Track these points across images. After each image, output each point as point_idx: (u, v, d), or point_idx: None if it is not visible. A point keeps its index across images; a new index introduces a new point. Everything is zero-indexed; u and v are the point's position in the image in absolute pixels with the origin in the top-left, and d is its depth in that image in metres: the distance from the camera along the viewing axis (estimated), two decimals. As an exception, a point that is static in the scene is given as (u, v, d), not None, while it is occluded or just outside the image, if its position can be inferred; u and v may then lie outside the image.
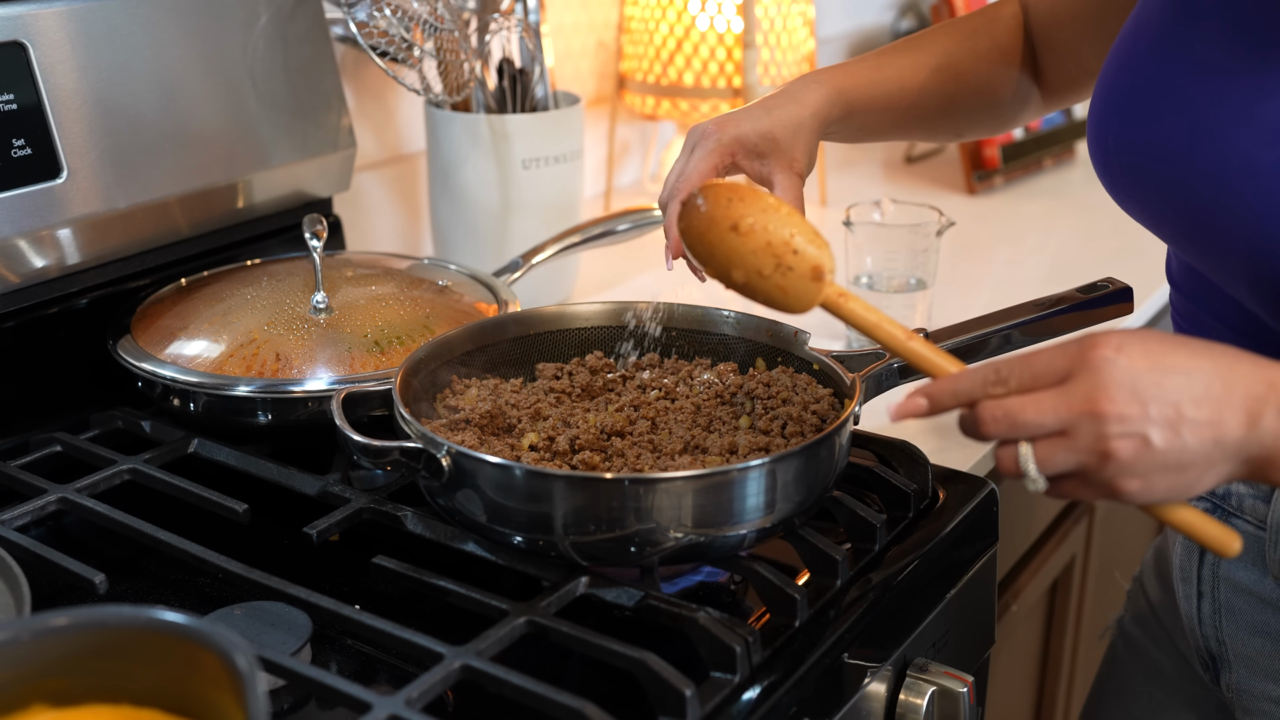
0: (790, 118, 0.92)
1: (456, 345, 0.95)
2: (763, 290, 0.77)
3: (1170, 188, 0.85)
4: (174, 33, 1.08)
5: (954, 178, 1.87)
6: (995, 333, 0.95)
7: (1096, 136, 0.91)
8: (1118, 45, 0.92)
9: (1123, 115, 0.88)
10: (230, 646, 0.53)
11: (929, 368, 0.75)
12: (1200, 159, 0.82)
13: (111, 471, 0.94)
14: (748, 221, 0.76)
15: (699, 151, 0.90)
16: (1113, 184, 0.92)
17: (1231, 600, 0.94)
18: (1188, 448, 0.66)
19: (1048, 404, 0.67)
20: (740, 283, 0.78)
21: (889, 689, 0.87)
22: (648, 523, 0.76)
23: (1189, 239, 0.86)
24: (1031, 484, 0.68)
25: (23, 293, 1.02)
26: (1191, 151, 0.83)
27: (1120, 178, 0.90)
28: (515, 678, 0.71)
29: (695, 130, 0.92)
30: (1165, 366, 0.66)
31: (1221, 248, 0.83)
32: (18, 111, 0.98)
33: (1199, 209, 0.83)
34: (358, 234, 1.42)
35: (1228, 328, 0.89)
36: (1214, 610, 0.95)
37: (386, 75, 1.25)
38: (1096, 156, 0.92)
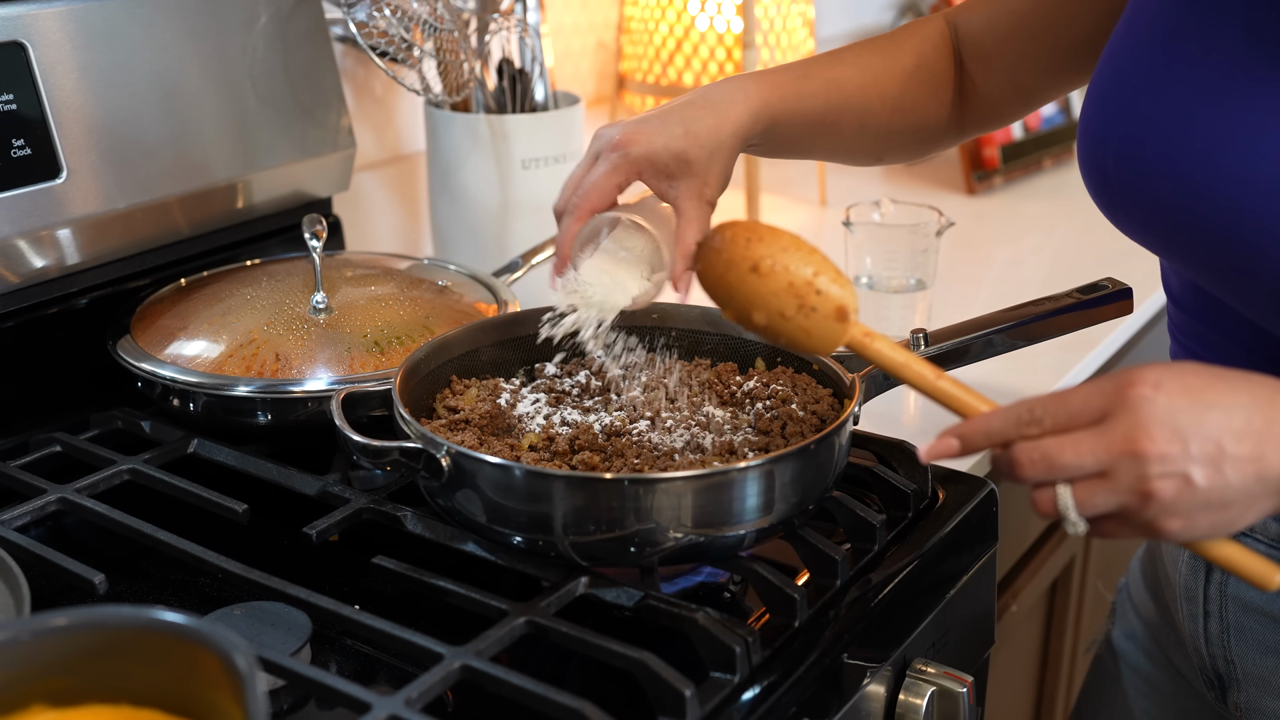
0: (709, 136, 0.85)
1: (456, 345, 0.95)
2: (785, 332, 0.76)
3: (1181, 210, 0.81)
4: (174, 33, 1.08)
5: (953, 178, 1.87)
6: (995, 333, 0.96)
7: (1092, 156, 0.87)
8: (1108, 60, 0.87)
9: (1123, 134, 0.84)
10: (230, 647, 0.53)
11: (960, 407, 0.74)
12: (1217, 180, 0.78)
13: (111, 472, 0.94)
14: (768, 263, 0.75)
15: (603, 165, 0.84)
16: (1110, 205, 0.88)
17: (1241, 620, 0.92)
18: (1230, 485, 0.65)
19: (1086, 445, 0.66)
20: (762, 325, 0.77)
21: (888, 689, 0.87)
22: (647, 523, 0.76)
23: (1201, 262, 0.83)
24: (1071, 527, 0.67)
25: (22, 293, 1.02)
26: (1206, 172, 0.79)
27: (1120, 199, 0.86)
28: (515, 678, 0.71)
29: (601, 137, 0.85)
30: (1205, 402, 0.65)
31: (1242, 270, 0.79)
32: (17, 112, 0.98)
33: (1217, 231, 0.79)
34: (357, 234, 1.42)
35: (1237, 344, 0.87)
36: (1222, 630, 0.93)
37: (386, 75, 1.25)
38: (1092, 177, 0.88)
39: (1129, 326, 1.37)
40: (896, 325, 1.24)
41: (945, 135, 1.03)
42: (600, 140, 0.85)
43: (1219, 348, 0.89)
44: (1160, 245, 0.86)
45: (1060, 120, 1.95)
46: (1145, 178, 0.83)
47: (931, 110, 1.00)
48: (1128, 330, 1.37)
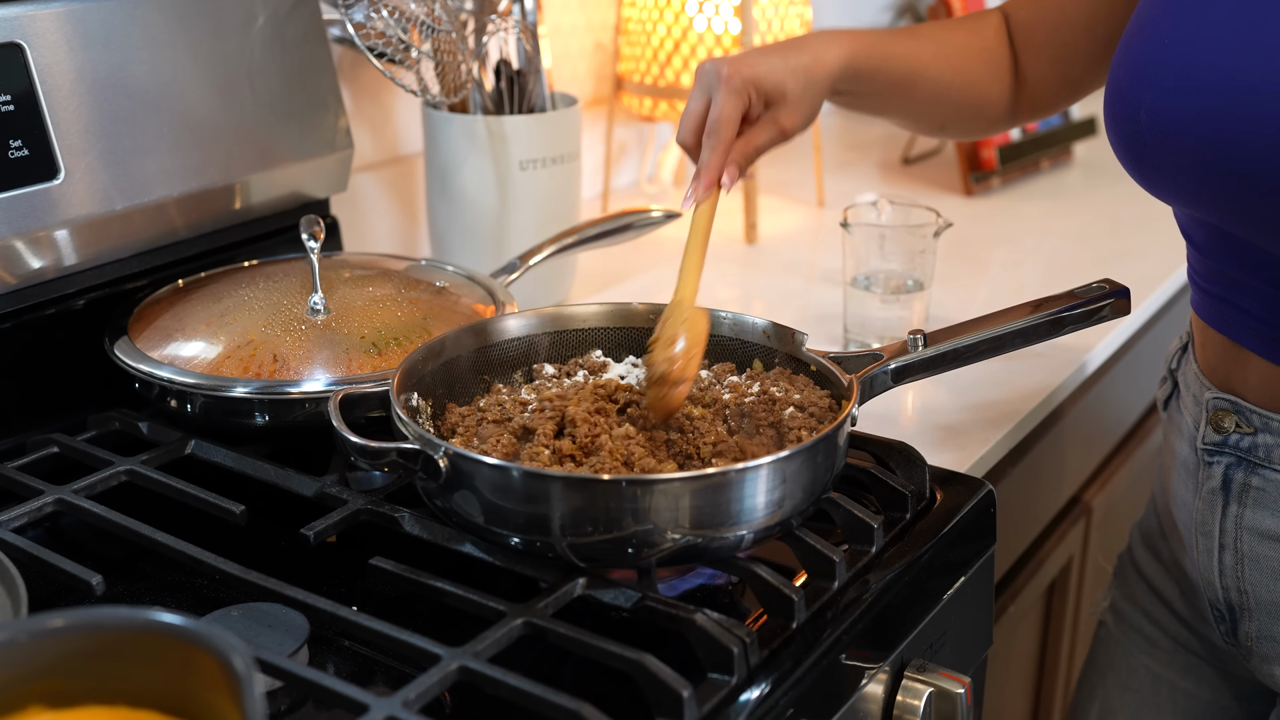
0: (805, 73, 0.94)
1: (454, 347, 0.95)
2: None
3: (1218, 157, 0.84)
4: (171, 34, 1.08)
5: (951, 179, 1.87)
6: (993, 334, 0.96)
7: (1125, 114, 0.91)
8: (1139, 21, 0.92)
9: (1157, 86, 0.88)
10: (227, 648, 0.53)
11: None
12: (1256, 125, 0.81)
13: (109, 473, 0.94)
14: None
15: (723, 95, 0.92)
16: (1141, 161, 0.91)
17: (1255, 549, 0.95)
18: None
19: None
20: None
21: (886, 690, 0.87)
22: (645, 524, 0.76)
23: (1236, 205, 0.85)
24: None
25: (20, 294, 1.02)
26: (1245, 119, 0.82)
27: (1153, 152, 0.89)
28: (512, 679, 0.71)
29: (709, 69, 0.93)
30: None
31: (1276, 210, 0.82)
32: (15, 112, 0.98)
33: (1256, 171, 0.82)
34: (355, 235, 1.42)
35: (1267, 283, 0.90)
36: (1236, 561, 0.97)
37: (384, 76, 1.25)
38: (1122, 135, 0.92)
39: (1127, 327, 1.37)
40: (894, 326, 1.25)
41: (1002, 118, 1.11)
42: (708, 73, 0.93)
43: (1246, 287, 0.92)
44: (1192, 196, 0.89)
45: (1057, 122, 1.95)
46: (1181, 126, 0.86)
47: (994, 91, 1.08)
48: (1125, 331, 1.37)
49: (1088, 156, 2.01)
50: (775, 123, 0.95)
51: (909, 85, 1.03)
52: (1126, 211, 1.72)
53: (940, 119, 1.11)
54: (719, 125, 0.92)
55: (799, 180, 1.86)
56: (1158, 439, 1.65)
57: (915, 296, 1.25)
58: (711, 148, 0.93)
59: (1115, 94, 0.92)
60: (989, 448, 1.10)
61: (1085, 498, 1.49)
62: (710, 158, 0.93)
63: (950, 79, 1.06)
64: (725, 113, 0.92)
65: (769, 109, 0.94)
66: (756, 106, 0.94)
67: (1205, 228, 0.94)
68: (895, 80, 1.02)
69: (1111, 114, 0.93)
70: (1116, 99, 0.92)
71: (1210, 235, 0.94)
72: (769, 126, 0.95)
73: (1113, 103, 0.93)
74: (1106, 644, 1.16)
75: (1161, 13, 0.89)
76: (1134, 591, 1.13)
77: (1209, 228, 0.93)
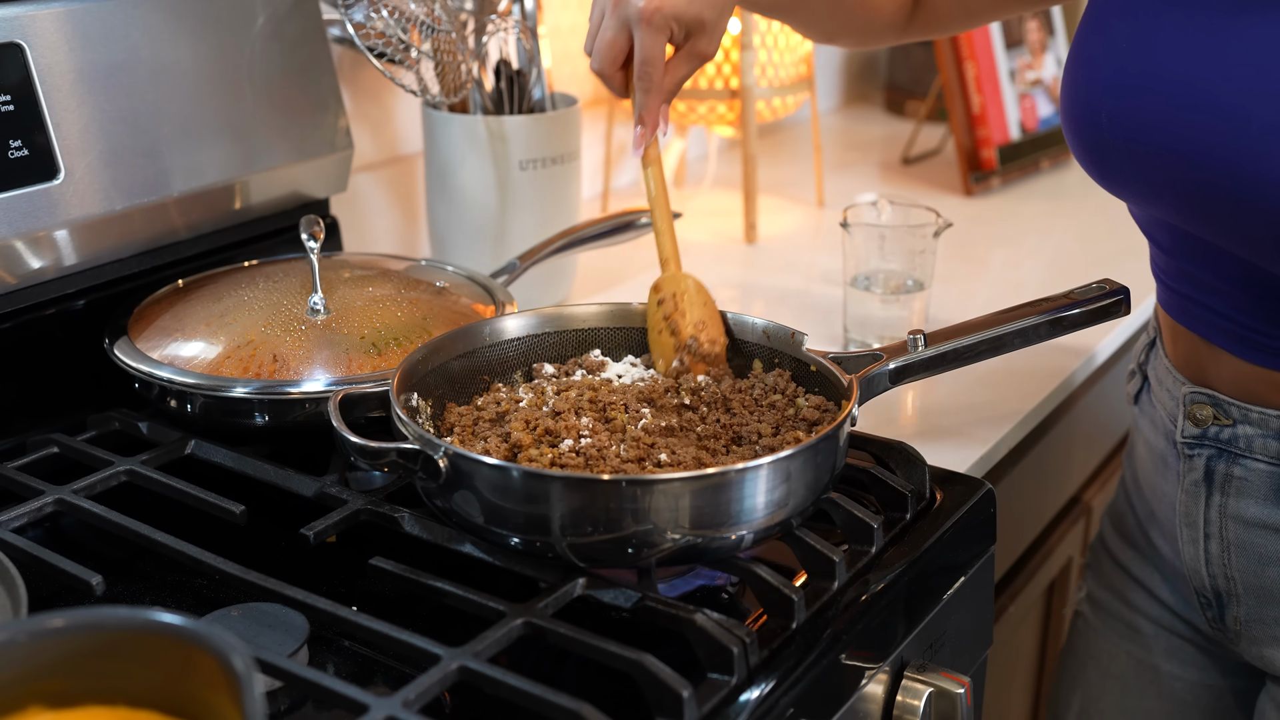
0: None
1: (453, 347, 0.95)
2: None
3: (1176, 161, 0.86)
4: (171, 34, 1.08)
5: (951, 179, 1.88)
6: (992, 334, 0.96)
7: (1085, 119, 0.93)
8: (1094, 26, 0.93)
9: (1118, 91, 0.89)
10: (227, 648, 0.53)
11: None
12: (1215, 132, 0.83)
13: (109, 473, 0.94)
14: None
15: (647, 33, 0.92)
16: (1102, 165, 0.93)
17: (1241, 536, 0.97)
18: None
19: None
20: None
21: (886, 690, 0.87)
22: (645, 524, 0.76)
23: (1198, 207, 0.87)
24: None
25: (20, 294, 1.02)
26: (1204, 125, 0.84)
27: (1114, 156, 0.91)
28: (512, 679, 0.71)
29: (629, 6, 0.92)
30: None
31: (1243, 210, 0.83)
32: (15, 112, 0.98)
33: (1212, 180, 0.84)
34: (355, 235, 1.42)
35: (1230, 283, 0.91)
36: (1222, 549, 0.98)
37: (383, 76, 1.25)
38: (1083, 141, 0.94)
39: (1127, 327, 1.37)
40: (894, 326, 1.25)
41: (892, 33, 1.14)
42: (625, 8, 0.93)
43: (1211, 287, 0.93)
44: (1154, 197, 0.91)
45: (1058, 122, 1.95)
46: (1144, 131, 0.88)
47: (889, 8, 1.11)
48: (1125, 331, 1.37)
49: (1087, 156, 2.01)
50: (695, 52, 0.95)
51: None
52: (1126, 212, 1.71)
53: (832, 29, 1.14)
54: (650, 67, 0.93)
55: (799, 180, 1.86)
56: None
57: (915, 296, 1.25)
58: (646, 90, 0.94)
59: (1075, 95, 0.93)
60: (989, 448, 1.10)
61: (1085, 498, 1.49)
62: (648, 100, 0.94)
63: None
64: (654, 52, 0.93)
65: (688, 39, 0.95)
66: (678, 37, 0.95)
67: (1168, 229, 0.95)
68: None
69: (1070, 116, 0.94)
70: (1076, 100, 0.93)
71: (1174, 236, 0.95)
72: (689, 58, 0.95)
73: (1071, 104, 0.94)
74: (1085, 634, 1.17)
75: (1119, 18, 0.91)
76: (1110, 579, 1.15)
77: (1172, 229, 0.94)
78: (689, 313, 0.93)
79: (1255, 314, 0.91)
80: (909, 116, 2.25)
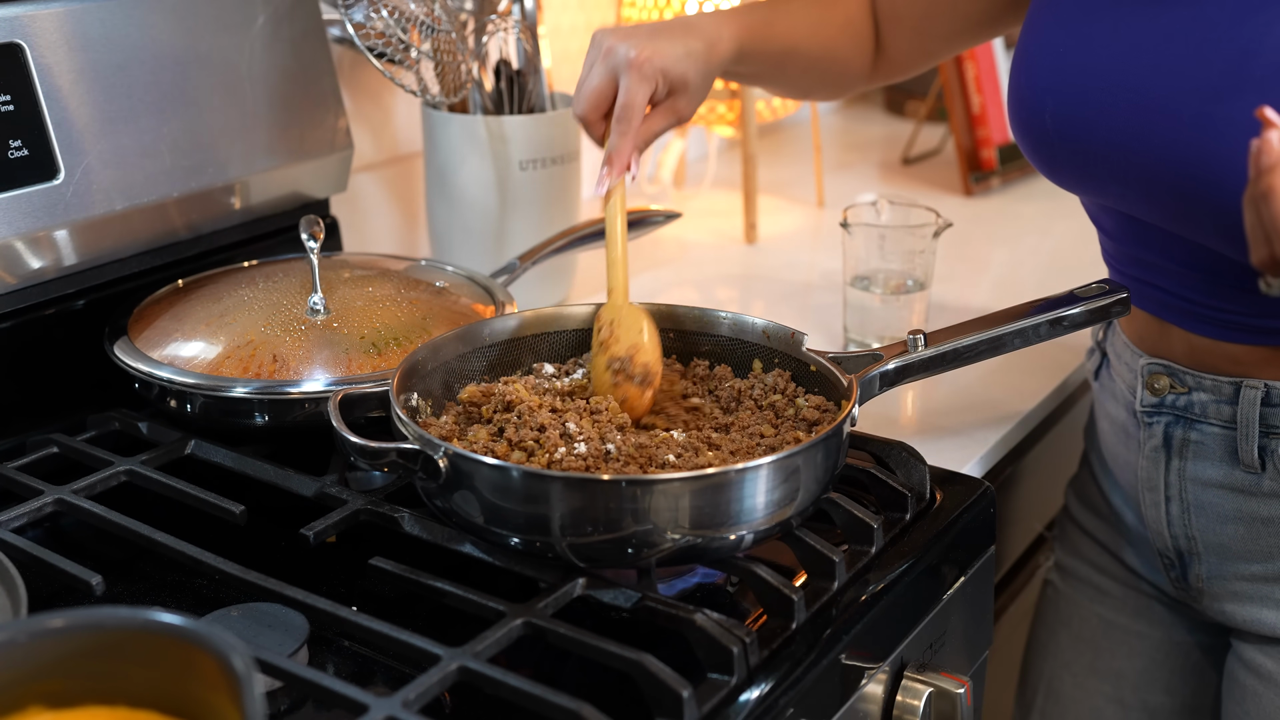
0: (705, 61, 0.98)
1: (453, 347, 0.95)
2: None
3: (1117, 155, 0.93)
4: (171, 34, 1.08)
5: (951, 179, 1.87)
6: (992, 334, 0.96)
7: (1029, 120, 0.99)
8: (1033, 31, 0.99)
9: (1059, 93, 0.96)
10: (227, 648, 0.53)
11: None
12: (1150, 126, 0.90)
13: (108, 473, 0.94)
14: None
15: (634, 81, 0.94)
16: (1050, 161, 1.00)
17: (1200, 497, 1.01)
18: None
19: None
20: None
21: (886, 690, 0.87)
22: (645, 524, 0.76)
23: (1140, 196, 0.93)
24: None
25: (20, 294, 1.02)
26: (1140, 121, 0.90)
27: (1061, 153, 0.98)
28: (512, 679, 0.71)
29: (616, 49, 0.95)
30: None
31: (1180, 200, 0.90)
32: (14, 113, 0.98)
33: (1153, 169, 0.90)
34: (355, 235, 1.42)
35: (1177, 263, 0.96)
36: (1183, 510, 1.02)
37: (383, 76, 1.25)
38: (1029, 139, 1.00)
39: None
40: (894, 326, 1.25)
41: (859, 82, 1.18)
42: (615, 55, 0.95)
43: (1159, 269, 0.99)
44: (1100, 189, 0.98)
45: (1057, 121, 1.95)
46: (1085, 129, 0.95)
47: (855, 61, 1.15)
48: (1125, 331, 1.37)
49: (1087, 156, 2.01)
50: (674, 110, 0.98)
51: (784, 63, 1.09)
52: (1126, 211, 1.71)
53: (806, 87, 1.19)
54: (631, 112, 0.95)
55: (799, 180, 1.86)
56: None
57: (915, 297, 1.25)
58: (622, 133, 0.95)
59: (1019, 100, 1.00)
60: (989, 448, 1.10)
61: (1085, 498, 1.48)
62: (621, 143, 0.96)
63: (819, 54, 1.11)
64: (637, 100, 0.95)
65: (670, 96, 0.98)
66: (660, 92, 0.97)
67: (1114, 215, 1.00)
68: (773, 59, 1.08)
69: (1016, 118, 1.00)
70: (1020, 105, 1.00)
71: (1119, 222, 1.00)
72: (668, 113, 0.98)
73: (1016, 108, 1.00)
74: (1055, 601, 1.20)
75: (1055, 26, 0.97)
76: (1078, 546, 1.18)
77: (1118, 215, 1.00)
78: (623, 338, 0.94)
79: (1202, 290, 0.96)
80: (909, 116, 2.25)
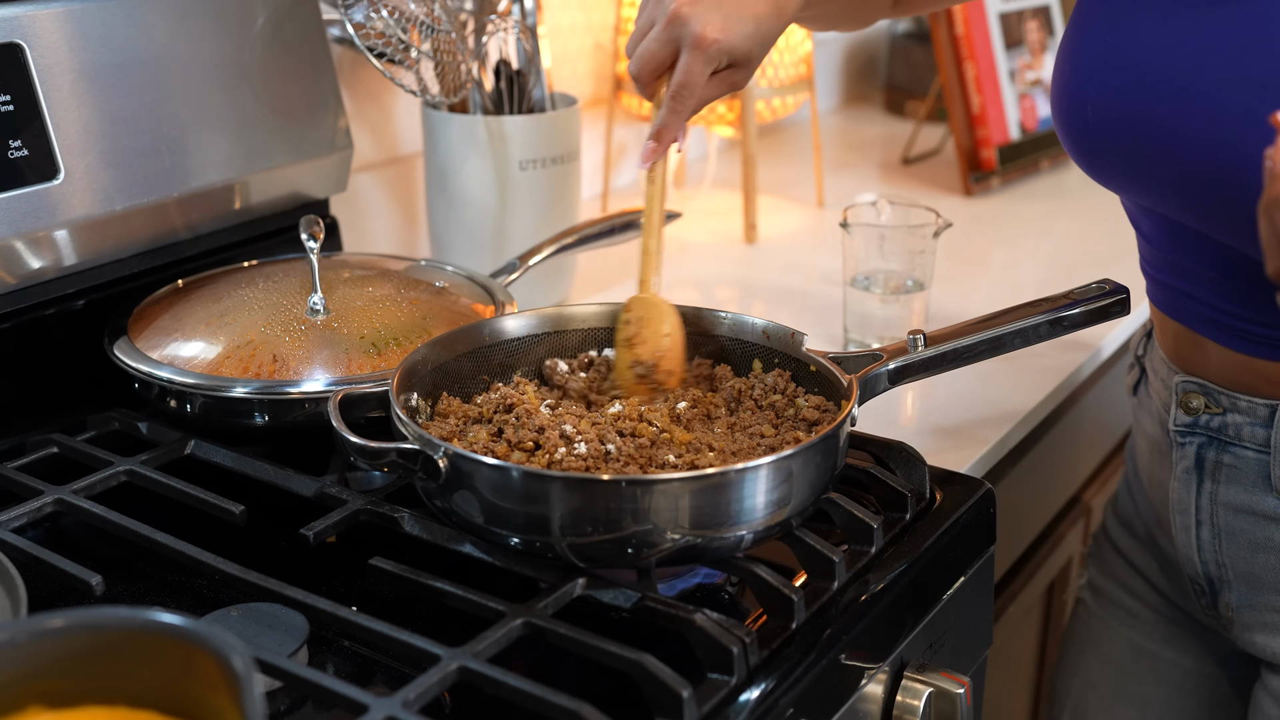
0: (772, 31, 0.94)
1: (453, 347, 0.95)
2: None
3: (1159, 150, 0.89)
4: (171, 34, 1.08)
5: (951, 179, 1.87)
6: (992, 335, 0.96)
7: (1071, 111, 0.96)
8: (1079, 22, 0.96)
9: (1100, 85, 0.93)
10: (227, 648, 0.53)
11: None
12: (1192, 119, 0.86)
13: (108, 473, 0.94)
14: None
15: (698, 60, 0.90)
16: (1089, 155, 0.96)
17: (1231, 523, 0.98)
18: None
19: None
20: None
21: (886, 690, 0.87)
22: (645, 524, 0.76)
23: (1181, 195, 0.90)
24: None
25: (19, 294, 1.02)
26: (1183, 114, 0.87)
27: (1100, 147, 0.94)
28: (512, 679, 0.71)
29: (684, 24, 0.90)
30: None
31: (1220, 201, 0.86)
32: (14, 113, 0.98)
33: (1193, 168, 0.87)
34: (354, 235, 1.42)
35: (1217, 270, 0.93)
36: (1214, 535, 0.99)
37: (383, 76, 1.25)
38: (1070, 132, 0.97)
39: (1127, 327, 1.37)
40: (894, 326, 1.25)
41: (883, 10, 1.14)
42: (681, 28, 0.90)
43: (1197, 276, 0.96)
44: (1139, 186, 0.94)
45: (1057, 121, 1.95)
46: (1126, 122, 0.91)
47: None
48: (1125, 331, 1.37)
49: (1087, 156, 2.01)
50: (731, 82, 0.95)
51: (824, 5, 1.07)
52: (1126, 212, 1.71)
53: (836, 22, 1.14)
54: (689, 91, 0.91)
55: (799, 180, 1.86)
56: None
57: (915, 296, 1.25)
58: (676, 111, 0.92)
59: (1061, 90, 0.97)
60: (989, 448, 1.10)
61: (1085, 498, 1.49)
62: (674, 120, 0.93)
63: None
64: (697, 80, 0.91)
65: (729, 68, 0.94)
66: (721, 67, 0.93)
67: (1154, 217, 0.97)
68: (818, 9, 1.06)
69: (1059, 109, 0.97)
70: (1063, 95, 0.96)
71: (1159, 225, 0.97)
72: (724, 84, 0.94)
73: (1059, 99, 0.97)
74: (1086, 620, 1.19)
75: (1101, 15, 0.94)
76: (1112, 567, 1.16)
77: (1157, 217, 0.97)
78: (649, 340, 0.94)
79: (1240, 302, 0.93)
80: (909, 116, 2.25)
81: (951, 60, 1.82)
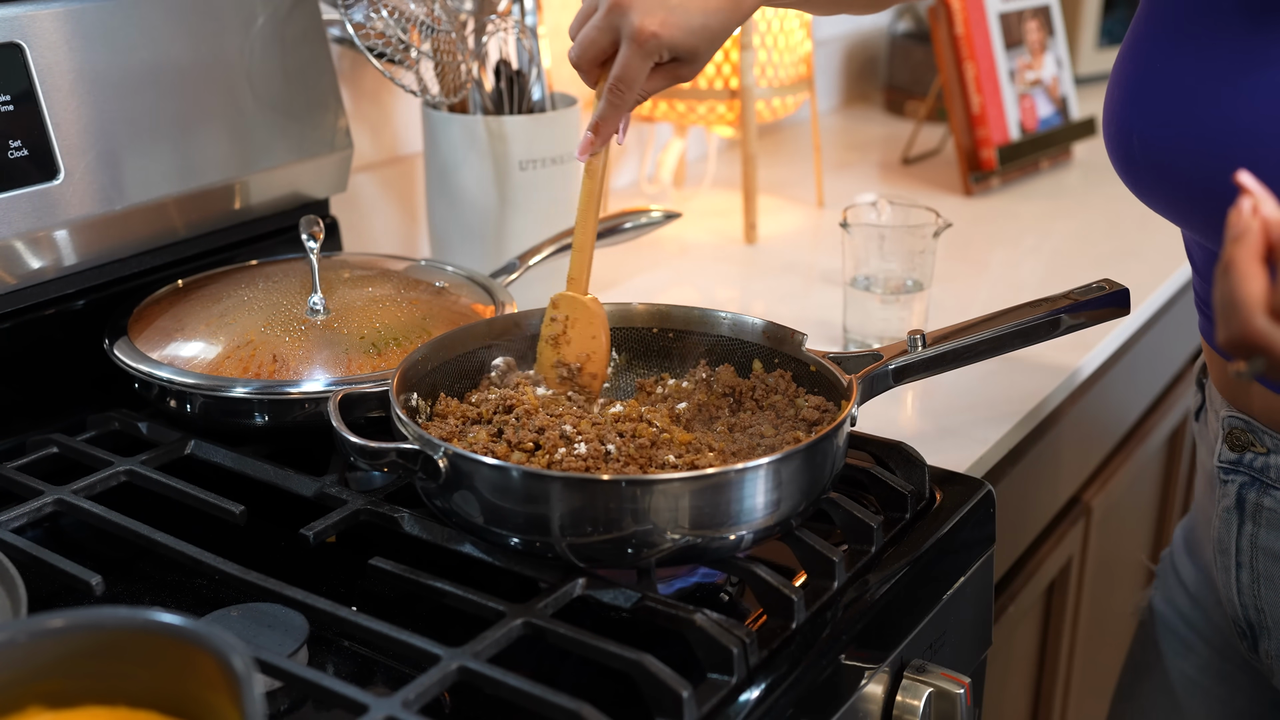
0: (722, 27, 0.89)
1: (453, 347, 0.95)
2: None
3: (1201, 186, 0.86)
4: (171, 34, 1.08)
5: (950, 179, 1.87)
6: (992, 335, 0.96)
7: (1118, 136, 0.92)
8: (1130, 49, 0.93)
9: (1146, 114, 0.89)
10: (227, 648, 0.53)
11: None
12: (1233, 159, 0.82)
13: (108, 473, 0.94)
14: None
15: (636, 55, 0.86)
16: (1136, 182, 0.93)
17: (1270, 570, 0.95)
18: None
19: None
20: None
21: (886, 690, 0.87)
22: (645, 524, 0.76)
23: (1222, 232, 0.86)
24: None
25: (19, 294, 1.02)
26: (1224, 152, 0.83)
27: (1145, 176, 0.91)
28: (512, 679, 0.71)
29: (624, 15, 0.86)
30: None
31: None
32: (14, 113, 0.98)
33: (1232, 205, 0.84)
34: (354, 235, 1.42)
35: None
36: (1253, 580, 0.97)
37: (383, 76, 1.25)
38: (1118, 155, 0.93)
39: (1127, 327, 1.37)
40: (894, 326, 1.25)
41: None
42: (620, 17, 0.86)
43: None
44: (1184, 218, 0.91)
45: (1057, 122, 1.95)
46: (1168, 159, 0.88)
47: None
48: (1125, 331, 1.37)
49: (1087, 157, 2.01)
50: (675, 75, 0.90)
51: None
52: (1126, 211, 1.72)
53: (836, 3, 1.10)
54: (626, 85, 0.88)
55: (799, 180, 1.86)
56: (1158, 439, 1.66)
57: (915, 296, 1.25)
58: (614, 105, 0.89)
59: (1110, 117, 0.94)
60: (989, 448, 1.10)
61: (1085, 498, 1.49)
62: (613, 114, 0.89)
63: None
64: (635, 74, 0.87)
65: (673, 62, 0.89)
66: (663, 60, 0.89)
67: (1203, 251, 0.95)
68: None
69: (1107, 134, 0.95)
70: (1110, 121, 0.94)
71: (1207, 258, 0.94)
72: (668, 76, 0.90)
73: (1108, 124, 0.94)
74: (1144, 644, 1.16)
75: (1147, 42, 0.90)
76: (1173, 595, 1.13)
77: (1206, 252, 0.94)
78: (575, 343, 0.94)
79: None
80: (909, 116, 2.25)
81: (951, 60, 1.82)
